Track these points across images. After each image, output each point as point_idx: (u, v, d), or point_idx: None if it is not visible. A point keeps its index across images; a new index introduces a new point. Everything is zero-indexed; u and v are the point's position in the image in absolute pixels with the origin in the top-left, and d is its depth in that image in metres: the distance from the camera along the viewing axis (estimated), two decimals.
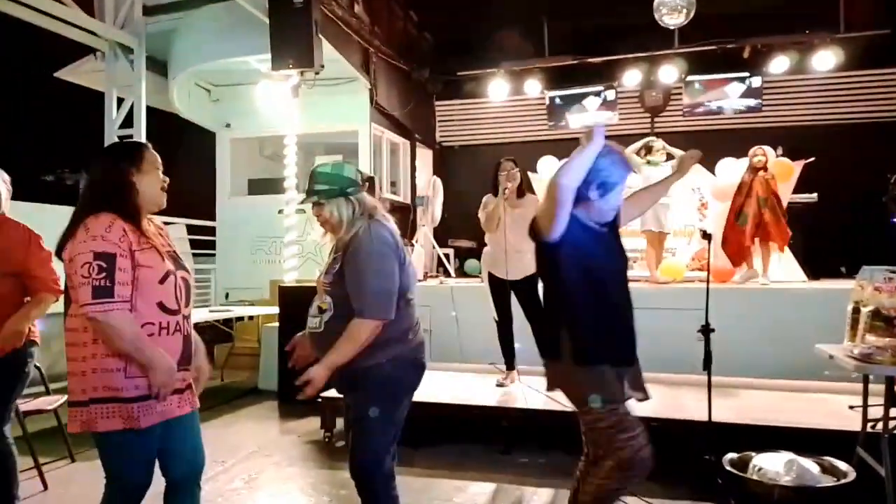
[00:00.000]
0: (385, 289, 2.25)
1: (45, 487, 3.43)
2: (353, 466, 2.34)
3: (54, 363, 6.19)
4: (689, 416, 3.58)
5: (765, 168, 5.81)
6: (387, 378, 2.29)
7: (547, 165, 7.15)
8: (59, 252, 2.00)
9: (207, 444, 2.41)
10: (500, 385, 4.44)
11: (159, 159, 2.16)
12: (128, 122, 7.09)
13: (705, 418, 3.29)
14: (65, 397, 3.91)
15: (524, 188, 4.49)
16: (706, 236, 3.17)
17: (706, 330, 3.26)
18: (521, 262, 4.07)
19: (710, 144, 7.40)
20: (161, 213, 2.36)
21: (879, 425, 2.97)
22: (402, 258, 2.34)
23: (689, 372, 3.83)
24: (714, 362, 3.30)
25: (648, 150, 6.26)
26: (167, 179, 2.15)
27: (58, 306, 2.92)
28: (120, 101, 7.14)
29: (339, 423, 4.36)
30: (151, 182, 2.09)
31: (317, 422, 4.46)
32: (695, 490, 3.21)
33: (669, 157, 6.17)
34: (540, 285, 2.51)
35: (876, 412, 3.01)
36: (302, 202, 2.42)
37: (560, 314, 2.30)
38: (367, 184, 2.44)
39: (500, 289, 4.37)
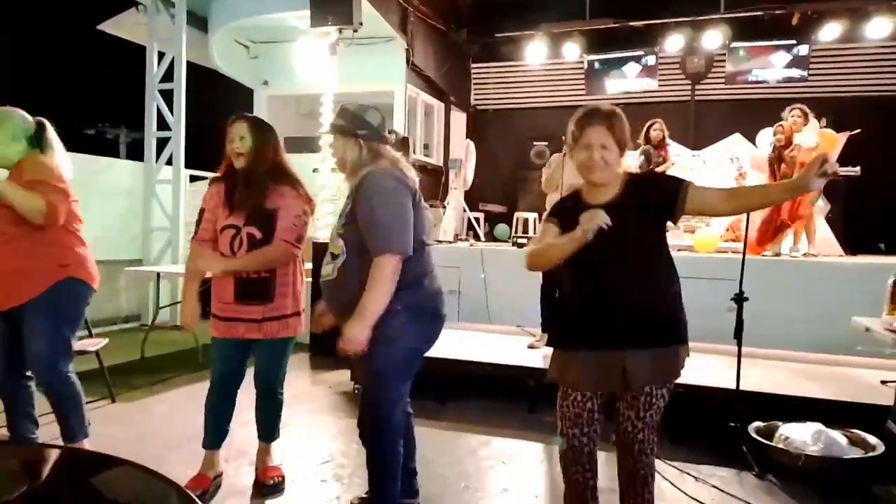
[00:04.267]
0: (398, 221, 2.19)
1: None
2: (364, 418, 2.34)
3: (98, 309, 6.44)
4: (715, 383, 3.59)
5: (787, 145, 5.60)
6: (401, 326, 2.22)
7: None
8: None
9: (240, 392, 2.83)
10: (532, 347, 4.48)
11: (231, 129, 2.66)
12: (168, 76, 7.20)
13: (733, 386, 3.32)
14: (106, 340, 4.09)
15: None
16: None
17: (739, 298, 3.25)
18: None
19: (750, 113, 7.24)
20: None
21: None
22: (415, 198, 2.28)
23: (719, 342, 3.82)
24: (745, 333, 3.30)
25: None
26: (235, 146, 2.64)
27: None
28: (161, 55, 7.25)
29: None
30: (228, 151, 2.66)
31: (346, 374, 4.58)
32: (718, 456, 3.23)
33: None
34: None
35: None
36: (323, 132, 2.49)
37: (669, 288, 2.13)
38: (393, 138, 2.41)
39: None
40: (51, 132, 2.88)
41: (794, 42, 7.38)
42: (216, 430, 2.82)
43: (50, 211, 2.67)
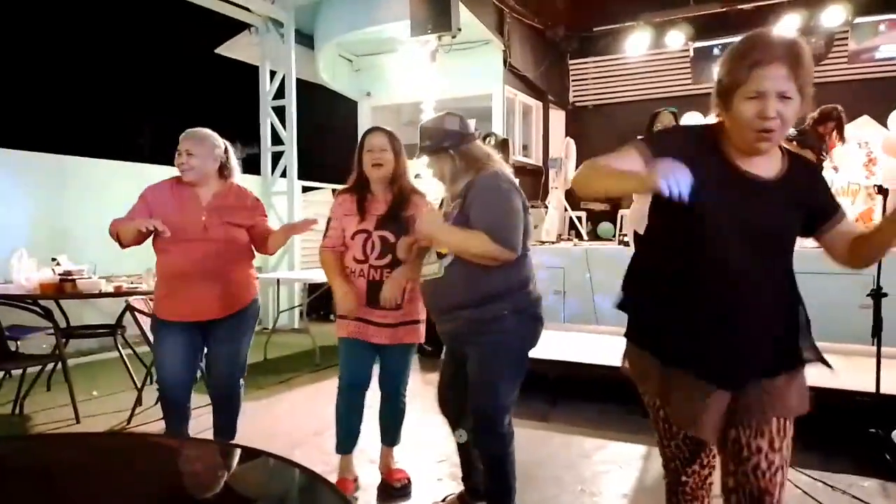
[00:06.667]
0: (515, 221, 2.25)
1: None
2: (479, 419, 2.34)
3: None
4: (851, 386, 3.32)
5: None
6: (507, 331, 2.28)
7: (691, 122, 6.77)
8: None
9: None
10: None
11: (371, 143, 2.73)
12: (280, 93, 7.62)
13: (871, 389, 3.07)
14: None
15: None
16: (882, 191, 2.90)
17: (877, 294, 3.01)
18: None
19: (879, 93, 6.65)
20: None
21: None
22: (524, 202, 2.34)
23: (854, 341, 3.55)
24: (885, 331, 3.05)
25: None
26: (375, 159, 2.71)
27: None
28: (272, 74, 7.69)
29: None
30: (364, 162, 2.74)
31: None
32: (857, 464, 3.00)
33: None
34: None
35: None
36: (416, 158, 2.54)
37: (797, 300, 1.62)
38: (492, 140, 2.45)
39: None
40: (232, 155, 3.10)
41: None
42: (349, 434, 2.86)
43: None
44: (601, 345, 4.59)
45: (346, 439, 2.89)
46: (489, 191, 2.25)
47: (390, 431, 2.99)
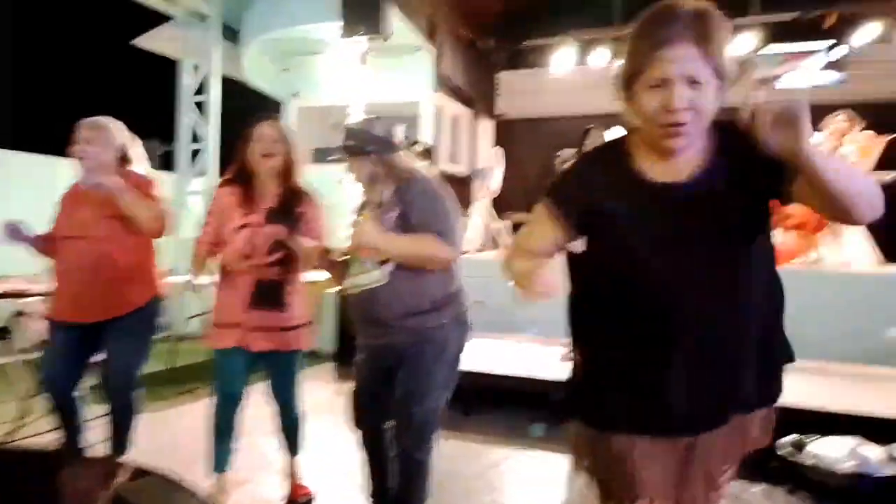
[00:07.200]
0: (458, 223, 2.27)
1: None
2: (413, 426, 2.30)
3: None
4: None
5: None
6: (446, 339, 2.28)
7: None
8: None
9: (266, 402, 2.77)
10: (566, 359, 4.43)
11: (261, 132, 2.58)
12: (201, 89, 7.37)
13: None
14: None
15: None
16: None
17: None
18: None
19: None
20: None
21: None
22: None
23: None
24: None
25: None
26: (266, 149, 2.55)
27: None
28: (194, 69, 7.42)
29: None
30: (252, 152, 2.58)
31: None
32: (745, 472, 3.14)
33: None
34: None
35: None
36: (332, 157, 2.47)
37: (777, 322, 1.43)
38: (419, 148, 2.45)
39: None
40: (136, 147, 2.93)
41: (828, 45, 7.22)
42: (226, 452, 2.72)
43: (165, 219, 2.74)
44: (517, 355, 4.66)
45: (221, 458, 2.72)
46: (430, 195, 2.25)
47: (291, 441, 2.90)
